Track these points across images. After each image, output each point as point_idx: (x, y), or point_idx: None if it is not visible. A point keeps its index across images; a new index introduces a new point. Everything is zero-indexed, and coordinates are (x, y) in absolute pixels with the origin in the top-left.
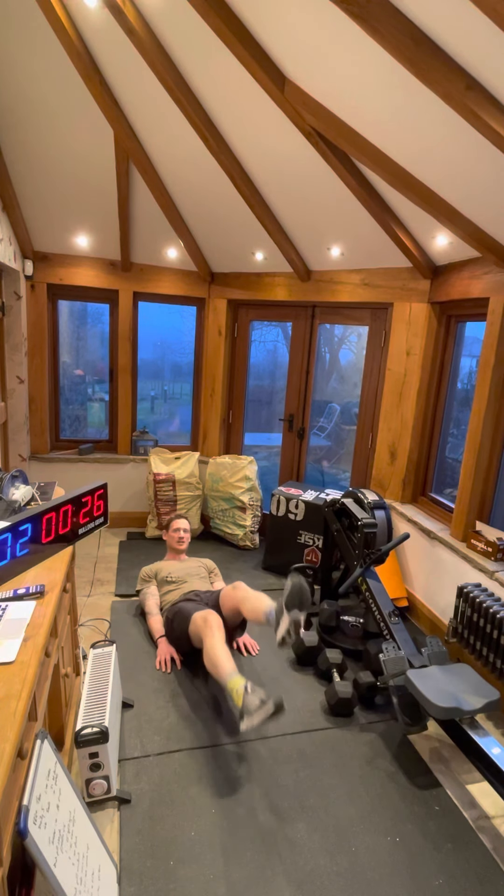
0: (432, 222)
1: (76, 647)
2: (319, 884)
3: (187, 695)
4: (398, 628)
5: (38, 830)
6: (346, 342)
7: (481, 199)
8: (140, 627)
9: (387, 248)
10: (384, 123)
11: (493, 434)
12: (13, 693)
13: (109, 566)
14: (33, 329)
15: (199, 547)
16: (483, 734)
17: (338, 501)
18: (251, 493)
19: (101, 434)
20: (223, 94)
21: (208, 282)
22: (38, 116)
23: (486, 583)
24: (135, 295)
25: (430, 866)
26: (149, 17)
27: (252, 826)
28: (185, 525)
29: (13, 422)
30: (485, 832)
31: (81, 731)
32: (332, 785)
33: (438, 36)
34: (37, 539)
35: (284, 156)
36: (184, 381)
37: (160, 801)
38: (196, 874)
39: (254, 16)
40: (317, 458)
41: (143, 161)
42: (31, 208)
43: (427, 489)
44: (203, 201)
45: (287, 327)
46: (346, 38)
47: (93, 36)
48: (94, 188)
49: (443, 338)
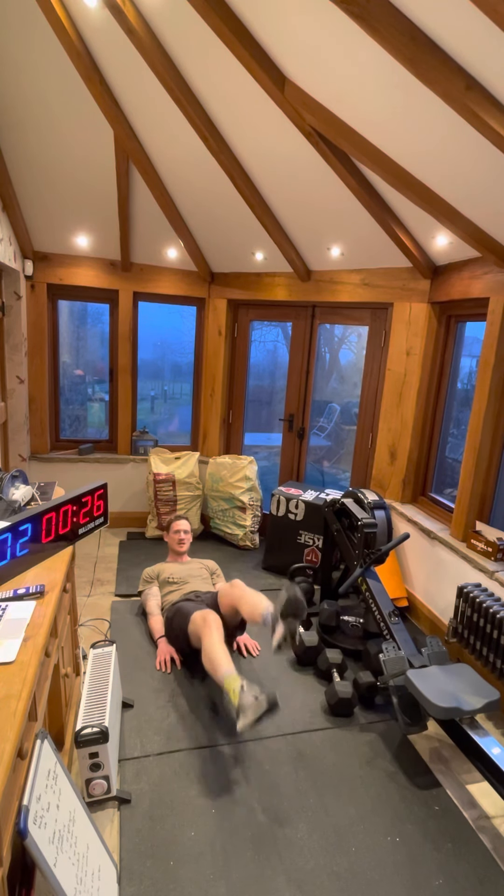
0: (432, 222)
1: (76, 647)
2: (319, 884)
3: (187, 695)
4: (398, 628)
5: (38, 830)
6: (346, 342)
7: (481, 199)
8: (140, 627)
9: (387, 248)
10: (384, 123)
11: (493, 434)
12: (13, 693)
13: (109, 566)
14: (33, 329)
15: (199, 547)
16: (483, 734)
17: (338, 501)
18: (251, 493)
19: (101, 434)
20: (223, 94)
21: (208, 282)
22: (39, 116)
23: (486, 583)
24: (135, 295)
25: (430, 866)
26: (149, 16)
27: (252, 826)
28: (186, 526)
29: (13, 422)
30: (485, 832)
31: (81, 731)
32: (332, 785)
33: (438, 36)
34: (37, 539)
35: (284, 156)
36: (184, 381)
37: (160, 801)
38: (196, 874)
39: (254, 16)
40: (317, 458)
41: (143, 161)
42: (31, 208)
43: (427, 489)
44: (203, 201)
45: (287, 327)
46: (346, 37)
47: (93, 36)
48: (94, 188)
49: (443, 338)
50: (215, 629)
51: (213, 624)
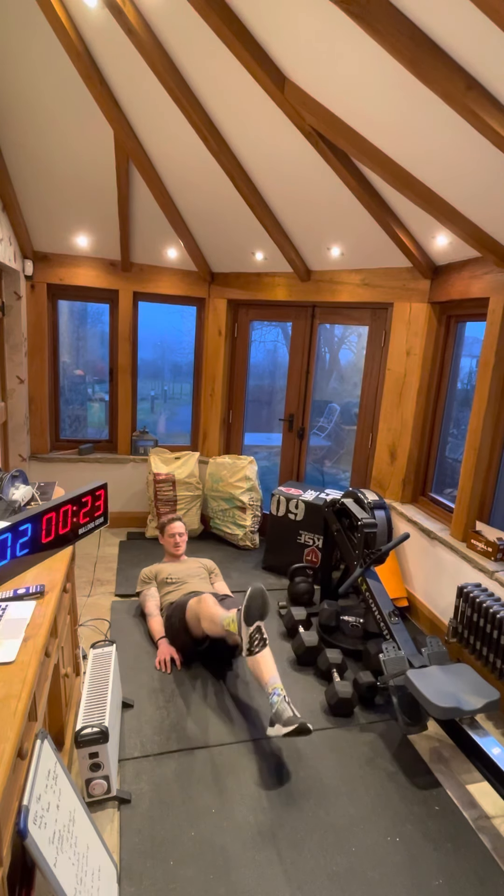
0: (432, 222)
1: (76, 647)
2: (319, 884)
3: (187, 695)
4: (398, 628)
5: (38, 830)
6: (346, 342)
7: (481, 199)
8: (140, 627)
9: (387, 248)
10: (384, 123)
11: (493, 434)
12: (13, 693)
13: (109, 566)
14: (33, 329)
15: (199, 547)
16: (483, 734)
17: (338, 501)
18: (251, 493)
19: (101, 434)
20: (223, 94)
21: (208, 282)
22: (39, 116)
23: (486, 583)
24: (135, 295)
25: (430, 866)
26: (149, 17)
27: (252, 826)
28: (181, 529)
29: (13, 422)
30: (485, 832)
31: (81, 731)
32: (332, 785)
33: (438, 36)
34: (37, 539)
35: (284, 156)
36: (184, 381)
37: (160, 801)
38: (196, 874)
39: (254, 16)
40: (317, 458)
41: (143, 161)
42: (31, 208)
43: (427, 489)
44: (203, 201)
45: (287, 327)
46: (346, 37)
47: (93, 36)
48: (94, 188)
49: (443, 338)
50: (211, 602)
51: (208, 599)
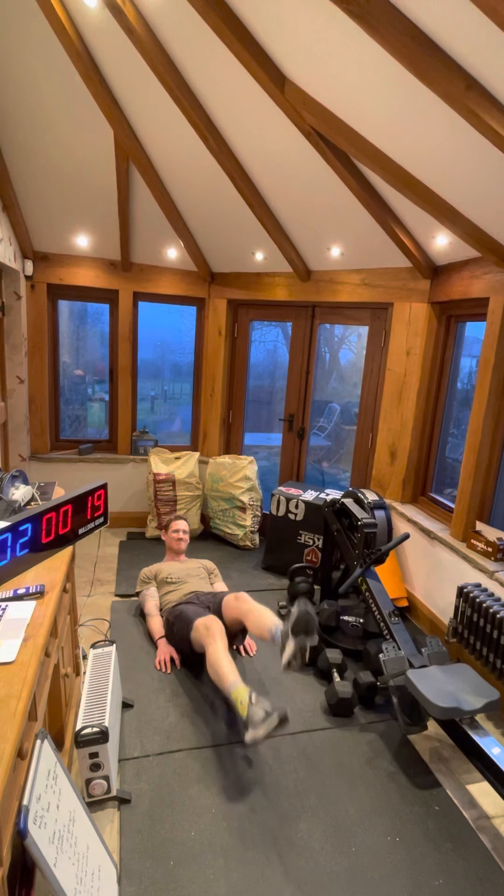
0: (432, 222)
1: (76, 647)
2: (319, 884)
3: (187, 695)
4: (398, 628)
5: (38, 830)
6: (346, 342)
7: (481, 199)
8: (140, 627)
9: (387, 248)
10: (384, 123)
11: (493, 434)
12: (13, 693)
13: (109, 566)
14: (33, 329)
15: (199, 547)
16: (483, 734)
17: (338, 501)
18: (251, 493)
19: (101, 434)
20: (223, 94)
21: (208, 282)
22: (39, 116)
23: (486, 583)
24: (135, 295)
25: (430, 866)
26: (149, 16)
27: (252, 826)
28: (185, 526)
29: (13, 422)
30: (485, 832)
31: (81, 731)
32: (332, 785)
33: (438, 36)
34: (37, 539)
35: (284, 156)
36: (184, 381)
37: (160, 801)
38: (196, 874)
39: (254, 15)
40: (317, 458)
41: (143, 161)
42: (31, 208)
43: (427, 489)
44: (203, 201)
45: (287, 327)
46: (346, 37)
47: (93, 36)
48: (94, 188)
49: (443, 338)
50: (219, 638)
51: (216, 633)
